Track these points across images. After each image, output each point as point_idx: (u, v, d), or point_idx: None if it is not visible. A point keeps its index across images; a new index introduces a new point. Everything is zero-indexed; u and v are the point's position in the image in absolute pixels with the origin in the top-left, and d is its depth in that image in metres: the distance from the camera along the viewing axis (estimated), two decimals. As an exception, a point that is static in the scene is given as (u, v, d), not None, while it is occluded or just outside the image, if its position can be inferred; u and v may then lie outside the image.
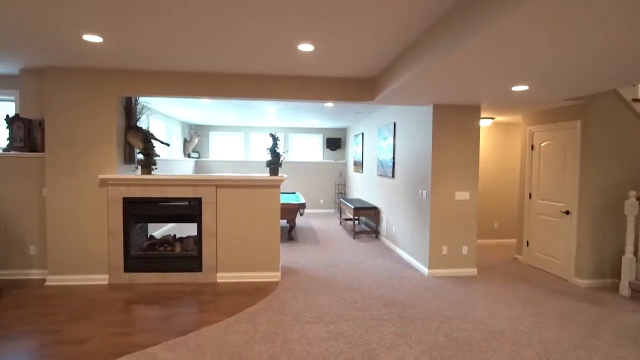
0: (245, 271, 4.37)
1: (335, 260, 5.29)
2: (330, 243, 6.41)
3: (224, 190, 4.31)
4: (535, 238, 5.11)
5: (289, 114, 7.81)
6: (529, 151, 5.22)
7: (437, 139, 4.58)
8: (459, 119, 4.61)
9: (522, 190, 5.38)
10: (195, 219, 4.33)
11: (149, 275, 4.27)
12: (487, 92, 3.76)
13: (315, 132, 10.48)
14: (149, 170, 4.28)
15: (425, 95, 4.05)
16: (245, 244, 4.36)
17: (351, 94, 4.45)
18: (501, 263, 5.29)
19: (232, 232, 4.34)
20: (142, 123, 6.77)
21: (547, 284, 4.38)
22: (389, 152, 6.25)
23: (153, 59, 3.71)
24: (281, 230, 7.34)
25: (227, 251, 4.35)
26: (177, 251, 4.42)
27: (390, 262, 5.25)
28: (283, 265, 5.02)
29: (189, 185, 4.25)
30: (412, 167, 5.22)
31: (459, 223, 4.67)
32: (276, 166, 4.37)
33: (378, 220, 6.91)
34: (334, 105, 6.43)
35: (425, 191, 4.74)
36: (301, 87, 4.37)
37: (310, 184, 10.33)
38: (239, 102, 6.39)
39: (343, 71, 4.11)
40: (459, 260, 4.69)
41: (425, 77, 3.20)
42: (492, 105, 4.61)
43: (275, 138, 4.39)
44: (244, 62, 3.80)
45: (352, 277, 4.55)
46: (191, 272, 4.32)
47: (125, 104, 4.40)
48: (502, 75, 3.10)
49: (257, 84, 4.30)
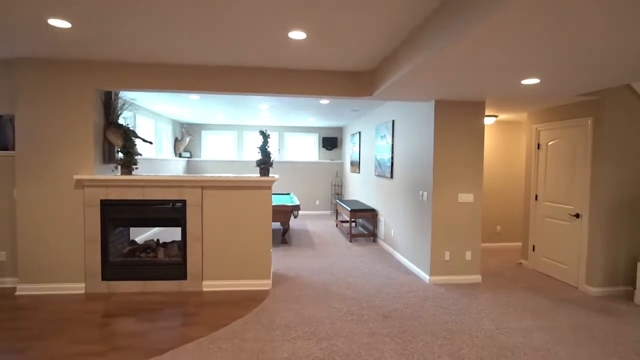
0: (233, 279, 4.06)
1: (331, 266, 4.99)
2: (325, 247, 6.11)
3: (210, 192, 4.00)
4: (541, 242, 4.83)
5: (283, 112, 7.51)
6: (535, 151, 4.95)
7: (439, 137, 4.30)
8: (463, 115, 4.33)
9: (527, 192, 5.11)
10: (180, 222, 4.01)
11: (129, 284, 3.96)
12: (494, 86, 3.47)
13: (311, 131, 10.19)
14: (129, 170, 3.96)
15: (427, 90, 3.76)
16: (234, 250, 4.06)
17: (348, 88, 4.15)
18: (506, 268, 5.01)
19: (219, 237, 4.04)
20: (129, 121, 6.45)
21: (556, 292, 4.10)
22: (387, 152, 5.96)
23: (132, 49, 3.40)
24: (274, 233, 7.04)
25: (213, 258, 4.04)
26: (160, 257, 4.11)
27: (389, 267, 4.96)
28: (275, 271, 4.72)
29: (172, 187, 3.94)
30: (411, 168, 4.93)
31: (462, 227, 4.39)
32: (267, 166, 4.07)
33: (376, 222, 6.62)
34: (329, 102, 6.13)
35: (426, 193, 4.45)
36: (294, 82, 4.07)
37: (306, 185, 10.03)
38: (229, 99, 6.08)
39: (339, 64, 3.82)
40: (462, 267, 4.41)
41: (427, 69, 2.91)
42: (498, 101, 4.33)
43: (265, 136, 4.09)
44: (231, 53, 3.50)
45: (348, 284, 4.25)
46: (175, 280, 4.01)
47: (104, 98, 4.08)
48: (512, 67, 2.81)
49: (247, 77, 4.00)
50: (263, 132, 4.09)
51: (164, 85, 3.93)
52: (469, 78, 3.20)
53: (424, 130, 4.57)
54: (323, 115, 7.82)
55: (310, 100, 5.99)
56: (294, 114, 7.83)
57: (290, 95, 4.13)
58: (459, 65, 2.80)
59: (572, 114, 4.35)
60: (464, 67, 2.83)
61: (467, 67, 2.85)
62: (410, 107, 5.02)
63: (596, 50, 2.41)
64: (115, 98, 4.24)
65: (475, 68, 2.86)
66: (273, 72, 4.02)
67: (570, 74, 3.01)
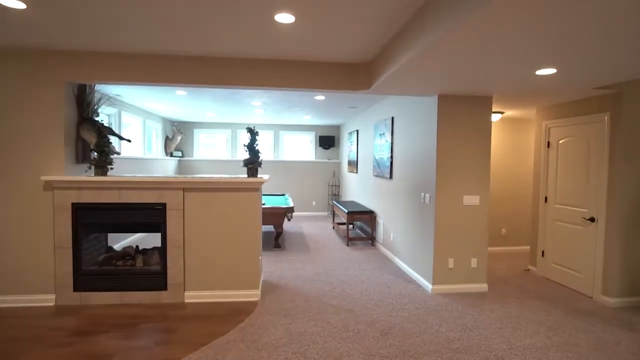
0: (218, 289, 3.72)
1: (326, 273, 4.65)
2: (321, 251, 5.77)
3: (193, 194, 3.66)
4: (552, 248, 4.50)
5: (276, 109, 7.16)
6: (545, 149, 4.62)
7: (443, 135, 3.96)
8: (468, 111, 3.99)
9: (536, 194, 4.78)
10: (159, 228, 3.67)
11: (104, 295, 3.61)
12: (504, 77, 3.13)
13: (307, 129, 9.84)
14: (103, 170, 3.62)
15: (429, 83, 3.42)
16: (219, 257, 3.72)
17: (344, 81, 3.81)
18: (513, 275, 4.68)
19: (202, 243, 3.69)
20: (113, 118, 6.10)
21: (569, 303, 3.77)
22: (386, 151, 5.62)
23: (104, 37, 3.05)
24: (267, 236, 6.69)
25: (196, 266, 3.70)
26: (138, 266, 3.76)
27: (389, 275, 4.63)
28: (265, 279, 4.38)
29: (151, 189, 3.60)
30: (412, 168, 4.60)
31: (468, 232, 4.05)
32: (255, 166, 3.73)
33: (374, 225, 6.28)
34: (325, 98, 5.79)
35: (429, 195, 4.12)
36: (285, 74, 3.72)
37: (302, 185, 9.69)
38: (219, 95, 5.74)
39: (333, 53, 3.48)
40: (467, 275, 4.07)
41: (429, 58, 2.57)
42: (507, 96, 3.99)
43: (253, 133, 3.75)
44: (214, 41, 3.15)
45: (344, 294, 3.91)
46: (154, 291, 3.67)
47: (77, 92, 3.74)
48: (526, 54, 2.47)
49: (233, 69, 3.65)
50: (251, 129, 3.75)
51: (141, 78, 3.58)
52: (476, 68, 2.86)
53: (426, 127, 4.23)
54: (319, 112, 7.48)
55: (305, 96, 5.65)
56: (288, 112, 7.48)
57: (282, 88, 3.79)
58: (466, 53, 2.46)
59: (587, 109, 4.02)
60: (471, 55, 2.49)
61: (474, 56, 2.51)
62: (411, 102, 4.69)
63: (628, 32, 2.07)
64: (90, 92, 3.89)
65: (485, 56, 2.53)
66: (262, 63, 3.68)
67: (593, 62, 2.68)
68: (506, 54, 2.50)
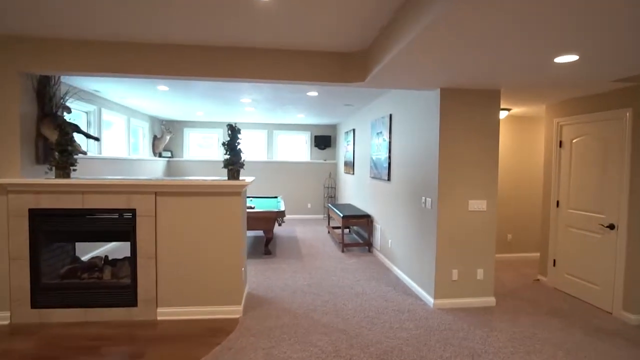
0: (195, 305, 3.33)
1: (318, 284, 4.26)
2: (314, 258, 5.38)
3: (166, 199, 3.26)
4: (564, 256, 4.12)
5: (268, 107, 6.77)
6: (556, 149, 4.24)
7: (446, 133, 3.57)
8: (474, 107, 3.61)
9: (546, 197, 4.39)
10: (129, 236, 3.28)
11: (67, 312, 3.22)
12: (517, 66, 2.75)
13: (302, 129, 9.45)
14: (65, 172, 3.22)
15: (430, 74, 3.04)
16: (196, 269, 3.32)
17: (336, 73, 3.42)
18: (522, 286, 4.29)
19: (177, 254, 3.30)
20: (92, 116, 5.70)
21: (587, 320, 3.39)
22: (383, 151, 5.24)
23: (63, 21, 2.65)
24: (257, 242, 6.30)
25: (170, 279, 3.30)
26: (106, 279, 3.37)
27: (386, 286, 4.23)
28: (250, 292, 3.98)
29: (119, 192, 3.20)
30: (412, 169, 4.21)
31: (474, 240, 3.67)
32: (236, 167, 3.34)
33: (371, 230, 5.89)
34: (318, 94, 5.41)
35: (430, 199, 3.73)
36: (271, 64, 3.33)
37: (297, 187, 9.29)
38: (206, 91, 5.34)
39: (324, 41, 3.09)
40: (473, 288, 3.69)
41: (431, 41, 2.19)
42: (515, 90, 3.61)
43: (234, 130, 3.35)
44: (186, 22, 2.76)
45: (336, 309, 3.52)
46: (123, 307, 3.27)
47: (37, 85, 3.34)
48: (547, 36, 2.09)
49: (212, 59, 3.26)
50: (232, 125, 3.36)
51: (108, 68, 3.19)
52: (485, 56, 2.47)
53: (426, 125, 3.85)
54: (313, 110, 7.09)
55: (297, 92, 5.27)
56: (281, 110, 7.09)
57: (268, 81, 3.40)
58: (473, 36, 2.08)
59: (605, 104, 3.64)
60: (480, 38, 2.11)
61: (483, 39, 2.13)
62: (410, 98, 4.30)
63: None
64: (54, 84, 3.49)
65: (497, 39, 2.14)
66: (246, 53, 3.29)
67: (622, 47, 2.29)
68: (522, 35, 2.12)
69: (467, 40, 2.22)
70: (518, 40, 2.21)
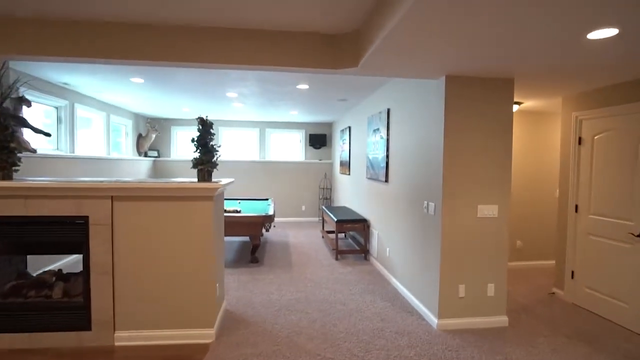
0: (159, 328, 2.85)
1: (306, 299, 3.78)
2: (305, 267, 4.90)
3: (124, 204, 2.78)
4: (585, 268, 3.65)
5: (257, 103, 6.29)
6: (575, 146, 3.76)
7: (452, 128, 3.10)
8: (484, 98, 3.14)
9: (563, 201, 3.92)
10: (81, 248, 2.80)
11: (7, 338, 2.74)
12: (540, 45, 2.28)
13: (296, 127, 8.97)
14: (6, 173, 2.74)
15: (433, 56, 2.56)
16: (160, 287, 2.84)
17: (325, 57, 2.95)
18: (536, 301, 3.82)
19: (138, 268, 2.82)
20: (63, 111, 5.22)
21: (616, 344, 2.91)
22: (380, 149, 4.76)
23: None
24: (244, 248, 5.81)
25: (130, 298, 2.82)
26: (56, 297, 2.88)
27: (383, 301, 3.76)
28: (228, 309, 3.50)
29: (68, 197, 2.72)
30: (413, 169, 3.74)
31: (484, 251, 3.19)
32: (207, 167, 2.86)
33: (368, 236, 5.42)
34: (309, 87, 4.93)
35: (433, 204, 3.26)
36: (249, 48, 2.86)
37: (291, 188, 8.82)
38: (187, 85, 4.87)
39: (308, 16, 2.61)
40: (482, 305, 3.21)
41: (433, 14, 1.71)
42: (531, 77, 3.14)
43: (205, 124, 2.87)
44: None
45: (324, 332, 3.05)
46: (75, 332, 2.79)
47: (-24, 71, 2.87)
48: (582, 3, 1.63)
49: (183, 40, 2.79)
50: (202, 118, 2.88)
51: (56, 51, 2.71)
52: (501, 30, 2.00)
53: (429, 119, 3.37)
54: (306, 106, 6.62)
55: (286, 85, 4.79)
56: (272, 106, 6.61)
57: (249, 66, 2.93)
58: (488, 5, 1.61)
59: (634, 95, 3.17)
60: (497, 8, 1.64)
61: (500, 13, 1.66)
62: (410, 89, 3.83)
63: None
64: (3, 68, 3.01)
65: (518, 6, 1.67)
66: (218, 33, 2.81)
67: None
68: (554, 2, 1.65)
69: (479, 12, 1.74)
70: (550, 8, 1.73)
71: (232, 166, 8.63)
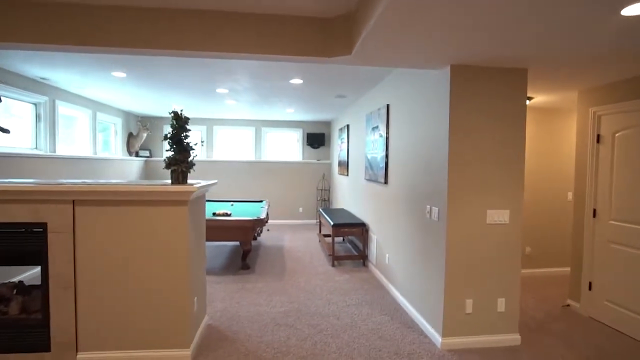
0: (128, 349, 2.53)
1: (297, 311, 3.45)
2: (298, 275, 4.58)
3: (88, 209, 2.47)
4: (604, 279, 3.31)
5: (250, 99, 5.96)
6: (593, 145, 3.43)
7: (457, 124, 2.77)
8: (494, 90, 2.81)
9: (579, 205, 3.58)
10: (39, 259, 2.48)
11: (-45, 360, 2.43)
12: (564, 25, 1.95)
13: (293, 126, 8.64)
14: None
15: (434, 43, 2.24)
16: (129, 302, 2.52)
17: (316, 44, 2.62)
18: (549, 315, 3.48)
19: (104, 282, 2.50)
20: (42, 108, 4.92)
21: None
22: (380, 148, 4.43)
23: None
24: (235, 254, 5.49)
25: (95, 315, 2.50)
26: (13, 313, 2.57)
27: (382, 314, 3.43)
28: (211, 324, 3.18)
29: (22, 201, 2.41)
30: (414, 170, 3.41)
31: (494, 261, 2.86)
32: (181, 168, 2.54)
33: (366, 241, 5.09)
34: (303, 82, 4.61)
35: (437, 209, 2.93)
36: (234, 34, 2.54)
37: (288, 189, 8.50)
38: (175, 80, 4.55)
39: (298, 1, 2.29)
40: (492, 322, 2.88)
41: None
42: (547, 66, 2.80)
43: (179, 118, 2.55)
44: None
45: (315, 351, 2.72)
46: (33, 353, 2.48)
47: None
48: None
49: (162, 25, 2.47)
50: (177, 113, 2.56)
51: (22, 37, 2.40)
52: (515, 7, 1.67)
53: (433, 115, 3.05)
54: (302, 104, 6.29)
55: (278, 80, 4.47)
56: (266, 104, 6.29)
57: (229, 54, 2.61)
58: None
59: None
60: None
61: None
62: (412, 82, 3.50)
63: None
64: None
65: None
66: (198, 17, 2.49)
67: None
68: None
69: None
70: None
71: (227, 166, 8.32)
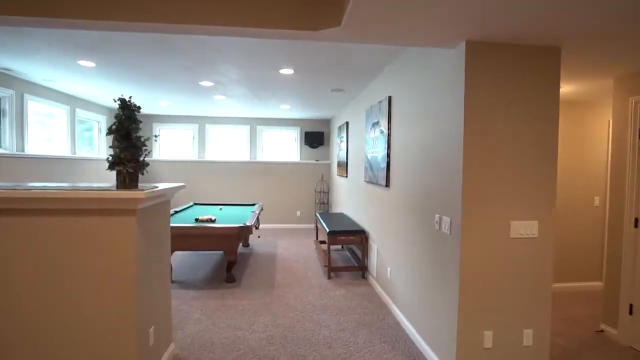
0: (61, 396, 2.02)
1: (283, 337, 2.94)
2: (289, 288, 4.06)
3: (7, 220, 1.97)
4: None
5: (240, 94, 5.46)
6: (634, 141, 2.88)
7: (474, 116, 2.24)
8: (520, 74, 2.28)
9: (616, 213, 3.03)
10: (-50, 283, 1.98)
11: None
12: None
13: (290, 124, 8.14)
14: None
15: (444, 11, 1.71)
16: (58, 338, 2.02)
17: (300, 13, 2.11)
18: (580, 343, 2.94)
19: (27, 313, 2.00)
20: (6, 103, 4.45)
21: None
22: (380, 146, 3.91)
23: None
24: (220, 264, 4.97)
25: (17, 354, 2.00)
26: None
27: (381, 342, 2.90)
28: (178, 353, 2.67)
29: None
30: (420, 171, 2.88)
31: (519, 284, 2.33)
32: (127, 168, 2.03)
33: (366, 249, 4.56)
34: (295, 72, 4.09)
35: (449, 218, 2.40)
36: (201, 2, 2.04)
37: (285, 192, 8.00)
38: (154, 72, 4.05)
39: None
40: (516, 358, 2.34)
41: None
42: (583, 45, 2.27)
43: (128, 107, 2.05)
44: None
45: (298, 396, 2.20)
46: (-58, 400, 1.98)
47: None
48: None
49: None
50: (124, 100, 2.06)
51: None
52: None
53: (443, 105, 2.52)
54: (298, 100, 5.78)
55: (266, 70, 3.97)
56: (257, 99, 5.78)
57: (198, 26, 2.11)
58: None
59: None
60: None
61: None
62: (418, 68, 2.98)
63: None
64: None
65: None
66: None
67: None
68: None
69: None
70: None
71: (220, 167, 7.83)
